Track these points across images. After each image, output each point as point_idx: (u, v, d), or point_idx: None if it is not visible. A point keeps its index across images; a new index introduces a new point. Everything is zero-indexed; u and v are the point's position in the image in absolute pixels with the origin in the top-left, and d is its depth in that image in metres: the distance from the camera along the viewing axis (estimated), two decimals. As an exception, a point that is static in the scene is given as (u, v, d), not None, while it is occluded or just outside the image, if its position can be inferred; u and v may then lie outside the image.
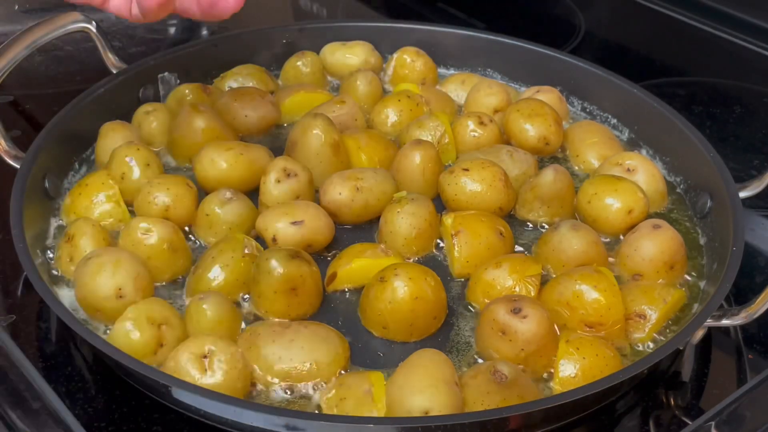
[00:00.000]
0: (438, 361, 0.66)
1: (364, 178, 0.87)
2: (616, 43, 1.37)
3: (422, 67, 1.10)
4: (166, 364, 0.67)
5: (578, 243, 0.80)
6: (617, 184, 0.86)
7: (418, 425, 0.61)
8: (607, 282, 0.73)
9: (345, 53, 1.12)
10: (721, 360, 0.77)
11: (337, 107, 0.98)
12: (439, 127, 0.96)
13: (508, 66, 1.14)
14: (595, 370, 0.69)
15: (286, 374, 0.68)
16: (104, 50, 0.99)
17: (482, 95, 1.04)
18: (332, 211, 0.86)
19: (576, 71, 1.08)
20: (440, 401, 0.62)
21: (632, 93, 1.02)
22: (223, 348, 0.68)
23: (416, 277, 0.73)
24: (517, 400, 0.64)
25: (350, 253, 0.81)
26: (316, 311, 0.77)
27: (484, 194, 0.86)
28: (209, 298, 0.73)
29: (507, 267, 0.77)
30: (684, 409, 0.71)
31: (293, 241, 0.80)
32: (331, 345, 0.70)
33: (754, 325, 0.78)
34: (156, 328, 0.69)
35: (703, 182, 0.90)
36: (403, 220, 0.82)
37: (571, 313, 0.73)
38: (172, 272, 0.79)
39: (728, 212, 0.81)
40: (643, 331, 0.74)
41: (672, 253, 0.79)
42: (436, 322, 0.75)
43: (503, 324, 0.69)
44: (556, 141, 0.98)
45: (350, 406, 0.65)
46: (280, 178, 0.86)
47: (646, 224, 0.81)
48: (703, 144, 0.90)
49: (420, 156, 0.89)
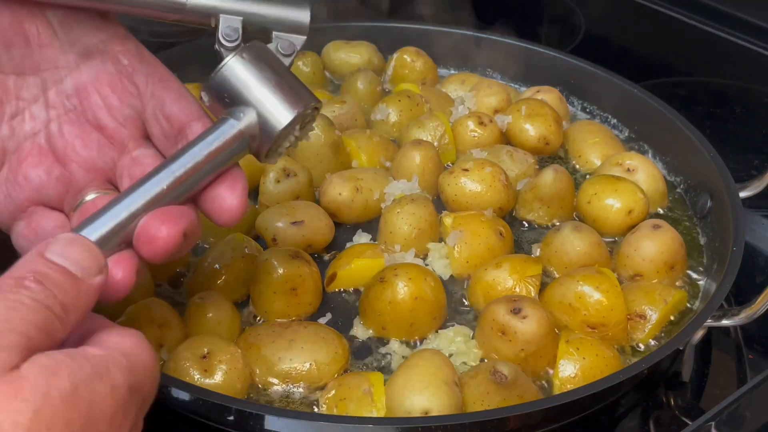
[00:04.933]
0: (438, 361, 0.66)
1: (364, 178, 0.87)
2: (616, 43, 1.37)
3: (422, 67, 1.10)
4: (166, 364, 0.67)
5: (580, 244, 0.79)
6: (617, 185, 0.86)
7: (418, 425, 0.61)
8: (609, 283, 0.73)
9: (348, 52, 1.12)
10: (721, 360, 0.77)
11: (337, 107, 0.98)
12: (439, 127, 0.96)
13: (508, 66, 1.14)
14: (595, 370, 0.69)
15: (285, 374, 0.68)
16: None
17: (482, 95, 1.04)
18: (332, 211, 0.86)
19: (576, 71, 1.08)
20: (440, 401, 0.62)
21: (632, 93, 1.02)
22: (223, 348, 0.68)
23: (416, 277, 0.73)
24: (517, 400, 0.64)
25: (350, 254, 0.81)
26: (316, 311, 0.77)
27: (484, 194, 0.86)
28: (209, 298, 0.73)
29: (507, 267, 0.77)
30: (684, 409, 0.71)
31: (293, 241, 0.80)
32: (331, 345, 0.70)
33: (754, 325, 0.78)
34: (156, 328, 0.69)
35: (703, 182, 0.90)
36: (403, 220, 0.82)
37: (574, 314, 0.73)
38: (171, 272, 0.79)
39: (728, 212, 0.81)
40: (644, 331, 0.74)
41: (672, 253, 0.79)
42: (436, 322, 0.75)
43: (503, 324, 0.69)
44: (556, 141, 0.98)
45: (350, 406, 0.65)
46: (280, 178, 0.86)
47: (646, 224, 0.81)
48: (703, 144, 0.90)
49: (420, 156, 0.89)
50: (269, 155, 0.58)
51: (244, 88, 0.55)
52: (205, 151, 0.54)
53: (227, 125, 0.55)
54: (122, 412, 0.42)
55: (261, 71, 0.55)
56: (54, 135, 0.57)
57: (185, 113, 0.56)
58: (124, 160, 0.58)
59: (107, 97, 0.57)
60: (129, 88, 0.57)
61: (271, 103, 0.55)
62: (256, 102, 0.55)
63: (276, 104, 0.55)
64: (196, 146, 0.54)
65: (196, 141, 0.54)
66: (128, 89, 0.57)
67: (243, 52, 0.55)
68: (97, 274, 0.45)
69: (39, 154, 0.57)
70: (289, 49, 0.58)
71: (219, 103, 0.56)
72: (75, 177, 0.57)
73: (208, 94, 0.56)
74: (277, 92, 0.55)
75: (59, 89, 0.57)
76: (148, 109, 0.57)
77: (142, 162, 0.57)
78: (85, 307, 0.45)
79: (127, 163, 0.58)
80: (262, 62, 0.56)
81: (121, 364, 0.43)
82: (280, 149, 0.58)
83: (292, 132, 0.58)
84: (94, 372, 0.41)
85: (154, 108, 0.57)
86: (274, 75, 0.56)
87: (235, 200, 0.55)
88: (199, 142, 0.54)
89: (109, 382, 0.41)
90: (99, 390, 0.41)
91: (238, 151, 0.55)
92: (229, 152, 0.55)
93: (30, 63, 0.56)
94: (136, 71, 0.57)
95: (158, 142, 0.58)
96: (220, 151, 0.54)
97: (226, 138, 0.54)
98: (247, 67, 0.55)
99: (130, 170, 0.57)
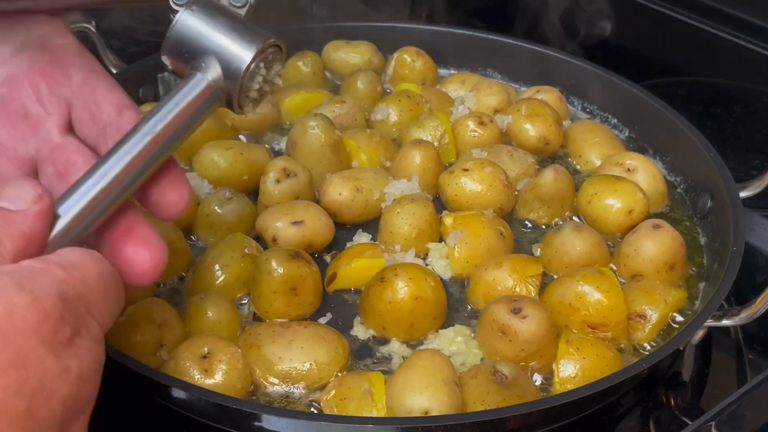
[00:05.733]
0: (438, 361, 0.66)
1: (364, 178, 0.87)
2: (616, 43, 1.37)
3: (422, 67, 1.10)
4: (166, 364, 0.67)
5: (581, 244, 0.79)
6: (617, 185, 0.86)
7: (418, 425, 0.61)
8: (610, 283, 0.73)
9: (348, 52, 1.12)
10: (721, 360, 0.77)
11: (337, 107, 0.97)
12: (439, 127, 0.96)
13: (508, 66, 1.14)
14: (595, 370, 0.69)
15: (285, 374, 0.68)
16: (104, 50, 0.99)
17: (482, 95, 1.04)
18: (332, 211, 0.86)
19: (576, 71, 1.08)
20: (440, 401, 0.62)
21: (632, 93, 1.02)
22: (223, 348, 0.68)
23: (416, 277, 0.73)
24: (517, 400, 0.64)
25: (350, 254, 0.81)
26: (316, 311, 0.77)
27: (484, 194, 0.86)
28: (209, 298, 0.73)
29: (507, 267, 0.77)
30: (684, 409, 0.71)
31: (293, 241, 0.80)
32: (331, 345, 0.70)
33: (754, 325, 0.77)
34: (156, 328, 0.69)
35: (703, 182, 0.90)
36: (403, 220, 0.82)
37: (574, 314, 0.73)
38: (171, 272, 0.79)
39: (728, 212, 0.81)
40: (644, 331, 0.74)
41: (672, 253, 0.79)
42: (436, 322, 0.75)
43: (503, 324, 0.69)
44: (556, 141, 0.98)
45: (350, 406, 0.65)
46: (280, 178, 0.86)
47: (646, 224, 0.81)
48: (703, 144, 0.90)
49: (420, 156, 0.89)
50: (242, 103, 0.58)
51: (200, 38, 0.55)
52: (178, 107, 0.54)
53: (194, 80, 0.55)
54: (54, 321, 0.42)
55: (213, 18, 0.55)
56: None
57: (118, 101, 0.56)
58: (47, 148, 0.57)
59: (37, 85, 0.57)
60: (61, 78, 0.57)
61: (229, 44, 0.55)
62: (214, 50, 0.55)
63: (234, 45, 0.55)
64: (168, 104, 0.54)
65: (166, 100, 0.54)
66: (60, 79, 0.57)
67: (192, 5, 0.56)
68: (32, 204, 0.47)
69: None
70: (241, 0, 0.58)
71: (179, 61, 0.56)
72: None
73: (168, 55, 0.56)
74: (232, 34, 0.55)
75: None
76: (79, 96, 0.57)
77: (66, 148, 0.57)
78: (21, 233, 0.46)
79: (50, 150, 0.57)
80: (213, 10, 0.56)
81: (52, 275, 0.44)
82: (251, 94, 0.58)
83: (258, 73, 0.57)
84: (13, 283, 0.42)
85: (85, 95, 0.57)
86: (227, 20, 0.56)
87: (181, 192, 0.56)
88: (170, 100, 0.54)
89: (30, 292, 0.42)
90: (16, 300, 0.41)
91: (210, 104, 0.56)
92: (201, 106, 0.55)
93: None
94: (70, 63, 0.57)
95: (85, 129, 0.57)
96: (193, 106, 0.54)
97: (195, 92, 0.55)
98: (199, 17, 0.55)
99: (53, 157, 0.57)
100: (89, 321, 0.45)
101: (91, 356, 0.45)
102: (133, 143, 0.53)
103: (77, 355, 0.43)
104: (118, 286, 0.49)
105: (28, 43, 0.57)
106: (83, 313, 0.45)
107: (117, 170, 0.52)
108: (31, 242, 0.46)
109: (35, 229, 0.47)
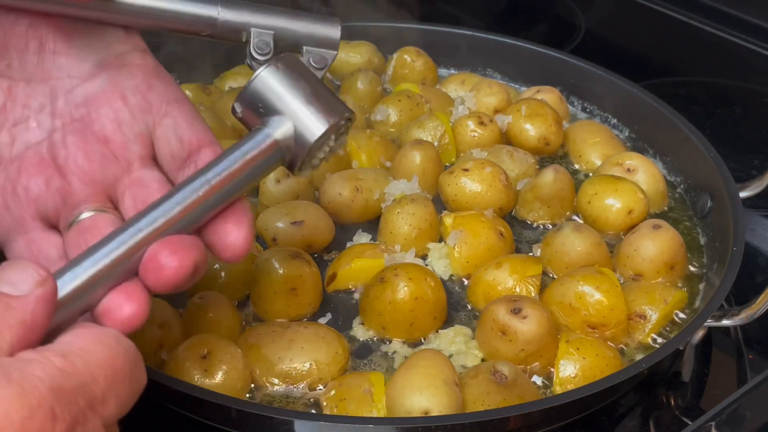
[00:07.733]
0: (438, 361, 0.66)
1: (364, 178, 0.87)
2: (616, 43, 1.37)
3: (422, 67, 1.10)
4: (166, 364, 0.67)
5: (581, 244, 0.79)
6: (617, 185, 0.86)
7: (418, 425, 0.61)
8: (610, 283, 0.73)
9: (348, 52, 1.12)
10: (721, 360, 0.77)
11: (337, 107, 0.97)
12: (439, 127, 0.96)
13: (508, 66, 1.14)
14: (595, 370, 0.69)
15: (285, 374, 0.68)
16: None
17: (482, 95, 1.04)
18: (332, 211, 0.86)
19: (576, 71, 1.08)
20: (440, 401, 0.62)
21: (632, 93, 1.02)
22: (223, 348, 0.68)
23: (416, 277, 0.73)
24: (517, 400, 0.64)
25: (350, 254, 0.81)
26: (316, 311, 0.77)
27: (484, 194, 0.86)
28: (209, 298, 0.73)
29: (507, 267, 0.77)
30: (684, 409, 0.71)
31: (293, 241, 0.80)
32: (331, 345, 0.70)
33: (754, 325, 0.77)
34: (156, 328, 0.69)
35: (703, 182, 0.90)
36: (403, 220, 0.82)
37: (574, 314, 0.73)
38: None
39: (728, 212, 0.81)
40: (644, 331, 0.74)
41: (672, 253, 0.79)
42: (436, 322, 0.75)
43: (503, 324, 0.69)
44: (556, 141, 0.98)
45: (350, 406, 0.65)
46: (280, 178, 0.86)
47: (646, 224, 0.81)
48: (703, 144, 0.90)
49: (420, 156, 0.89)
50: (302, 167, 0.57)
51: (279, 97, 0.54)
52: (240, 160, 0.52)
53: (262, 134, 0.54)
54: (42, 418, 0.38)
55: (295, 81, 0.55)
56: (57, 144, 0.55)
57: (198, 137, 0.54)
58: (128, 179, 0.55)
59: (118, 111, 0.55)
60: (142, 104, 0.55)
61: (306, 113, 0.54)
62: (290, 112, 0.54)
63: (310, 114, 0.54)
64: (231, 156, 0.52)
65: (231, 151, 0.53)
66: (141, 105, 0.55)
67: (277, 62, 0.55)
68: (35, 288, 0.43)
69: (39, 163, 0.55)
70: (321, 62, 0.58)
71: (253, 113, 0.55)
72: (73, 189, 0.54)
73: (242, 104, 0.55)
74: (311, 102, 0.54)
75: (68, 98, 0.55)
76: (160, 128, 0.55)
77: (147, 184, 0.54)
78: (22, 321, 0.42)
79: (131, 183, 0.55)
80: (295, 72, 0.55)
81: (47, 365, 0.40)
82: (314, 161, 0.57)
83: (326, 143, 0.57)
84: (1, 374, 0.38)
85: (167, 128, 0.55)
86: (307, 85, 0.55)
87: (242, 234, 0.53)
88: (234, 152, 0.53)
89: (19, 385, 0.38)
90: (1, 394, 0.37)
91: (271, 162, 0.54)
92: (263, 163, 0.54)
93: (41, 70, 0.54)
94: (151, 87, 0.55)
95: (165, 164, 0.56)
96: (255, 161, 0.53)
97: (261, 147, 0.53)
98: (282, 77, 0.54)
99: (133, 190, 0.54)
100: (88, 416, 0.41)
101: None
102: (187, 192, 0.51)
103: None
104: (133, 368, 0.44)
105: (107, 61, 0.55)
106: (81, 407, 0.40)
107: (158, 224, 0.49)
108: (32, 330, 0.42)
109: (36, 316, 0.42)
